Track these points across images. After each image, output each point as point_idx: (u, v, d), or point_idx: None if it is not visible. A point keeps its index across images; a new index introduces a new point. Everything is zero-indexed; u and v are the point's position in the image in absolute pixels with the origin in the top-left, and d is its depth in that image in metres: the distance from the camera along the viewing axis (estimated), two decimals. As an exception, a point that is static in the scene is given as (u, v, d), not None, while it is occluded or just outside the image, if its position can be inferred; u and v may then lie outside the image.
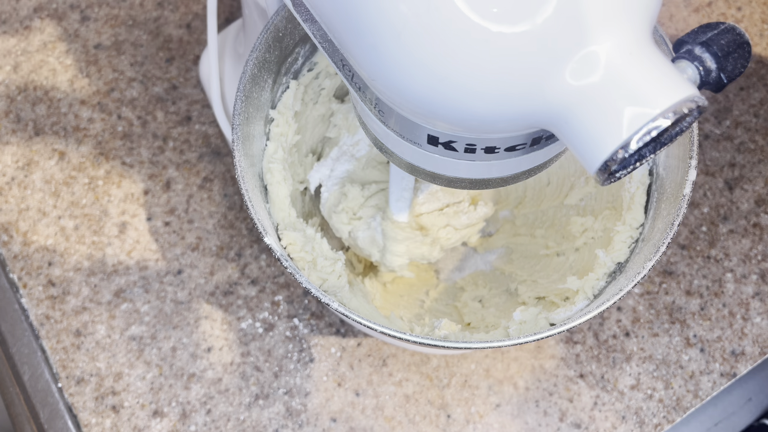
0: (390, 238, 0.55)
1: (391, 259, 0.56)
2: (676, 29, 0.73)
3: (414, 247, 0.56)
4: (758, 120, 0.70)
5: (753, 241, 0.65)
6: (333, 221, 0.56)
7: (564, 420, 0.60)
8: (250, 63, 0.47)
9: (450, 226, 0.57)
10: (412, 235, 0.55)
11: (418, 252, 0.57)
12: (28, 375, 0.61)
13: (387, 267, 0.57)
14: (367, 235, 0.55)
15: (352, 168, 0.56)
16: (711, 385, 0.61)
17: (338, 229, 0.56)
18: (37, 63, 0.70)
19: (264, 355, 0.61)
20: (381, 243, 0.56)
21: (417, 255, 0.57)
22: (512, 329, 0.49)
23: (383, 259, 0.56)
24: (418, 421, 0.60)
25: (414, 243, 0.56)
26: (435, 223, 0.56)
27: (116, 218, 0.65)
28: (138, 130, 0.68)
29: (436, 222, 0.56)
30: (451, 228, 0.57)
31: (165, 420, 0.59)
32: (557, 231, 0.59)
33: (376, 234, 0.55)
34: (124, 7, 0.72)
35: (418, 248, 0.56)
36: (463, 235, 0.58)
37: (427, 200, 0.55)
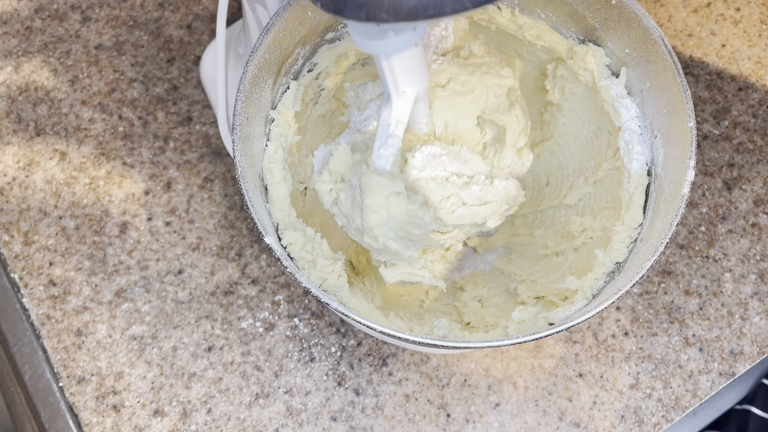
0: (366, 188, 0.46)
1: (370, 219, 0.46)
2: (675, 29, 0.73)
3: (397, 204, 0.46)
4: (757, 120, 0.70)
5: (752, 241, 0.66)
6: (316, 184, 0.49)
7: (563, 419, 0.60)
8: (250, 63, 0.47)
9: (456, 196, 0.48)
10: (395, 186, 0.46)
11: (401, 211, 0.46)
12: (29, 374, 0.61)
13: (375, 248, 0.49)
14: (349, 195, 0.48)
15: (353, 140, 0.51)
16: (710, 384, 0.61)
17: (320, 191, 0.49)
18: (38, 63, 0.70)
19: (264, 354, 0.61)
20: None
21: (401, 218, 0.47)
22: (511, 329, 0.50)
23: (364, 224, 0.47)
24: (418, 421, 0.60)
25: (398, 199, 0.46)
26: (435, 192, 0.48)
27: (117, 218, 0.65)
28: (139, 131, 0.68)
29: (438, 191, 0.48)
30: (458, 200, 0.48)
31: (166, 419, 0.60)
32: (556, 231, 0.59)
33: (356, 191, 0.47)
34: (124, 8, 0.72)
35: (402, 205, 0.46)
36: (475, 214, 0.49)
37: (427, 164, 0.47)
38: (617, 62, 0.53)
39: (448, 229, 0.50)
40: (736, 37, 0.73)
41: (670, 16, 0.74)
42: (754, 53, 0.72)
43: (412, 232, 0.48)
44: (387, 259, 0.52)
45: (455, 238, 0.52)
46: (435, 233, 0.50)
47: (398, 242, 0.48)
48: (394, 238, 0.48)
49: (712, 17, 0.74)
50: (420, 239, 0.49)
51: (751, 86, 0.71)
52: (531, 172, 0.63)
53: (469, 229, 0.51)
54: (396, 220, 0.47)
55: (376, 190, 0.46)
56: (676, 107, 0.48)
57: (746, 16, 0.74)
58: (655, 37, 0.48)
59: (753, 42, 0.73)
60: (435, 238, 0.50)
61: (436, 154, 0.47)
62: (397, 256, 0.50)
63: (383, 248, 0.49)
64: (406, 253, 0.50)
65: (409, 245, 0.49)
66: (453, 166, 0.48)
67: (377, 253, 0.51)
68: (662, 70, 0.49)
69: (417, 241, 0.49)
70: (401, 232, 0.48)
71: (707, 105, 0.70)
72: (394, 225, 0.47)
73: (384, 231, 0.48)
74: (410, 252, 0.50)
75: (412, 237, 0.48)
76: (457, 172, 0.48)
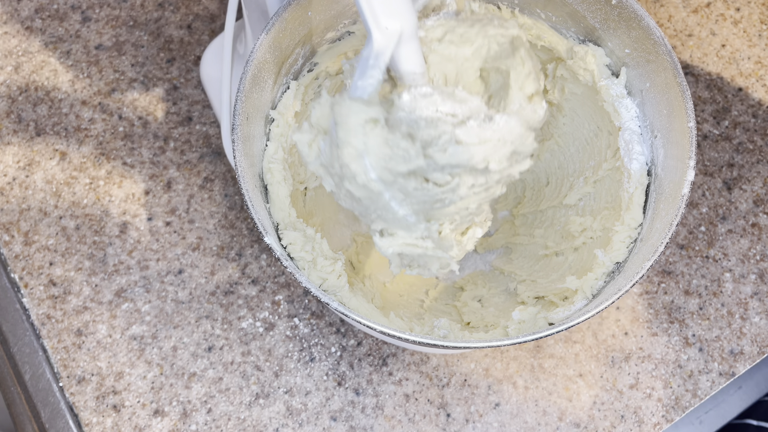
0: (340, 118, 0.40)
1: (345, 153, 0.40)
2: (675, 30, 0.73)
3: (375, 135, 0.40)
4: (757, 120, 0.70)
5: (751, 241, 0.66)
6: (294, 136, 0.44)
7: (563, 419, 0.60)
8: (250, 63, 0.47)
9: (448, 134, 0.41)
10: (371, 112, 0.40)
11: (380, 142, 0.41)
12: (29, 374, 0.61)
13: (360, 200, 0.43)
14: (328, 142, 0.43)
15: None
16: (710, 384, 0.61)
17: (300, 144, 0.44)
18: (38, 63, 0.70)
19: (264, 354, 0.61)
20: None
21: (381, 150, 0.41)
22: (511, 329, 0.50)
23: (340, 161, 0.41)
24: (418, 420, 0.60)
25: (375, 128, 0.40)
26: (425, 132, 0.41)
27: (117, 218, 0.65)
28: (139, 131, 0.68)
29: (427, 131, 0.41)
30: (450, 137, 0.41)
31: (166, 419, 0.60)
32: (556, 231, 0.59)
33: (333, 131, 0.42)
34: (125, 8, 0.72)
35: (380, 135, 0.41)
36: (472, 155, 0.41)
37: (416, 105, 0.41)
38: (617, 62, 0.53)
39: (446, 179, 0.42)
40: (736, 37, 0.73)
41: (670, 16, 0.74)
42: (754, 53, 0.72)
43: (398, 169, 0.41)
44: (384, 225, 0.45)
45: (466, 208, 0.44)
46: (434, 186, 0.42)
47: (382, 185, 0.42)
48: (377, 179, 0.41)
49: (712, 17, 0.74)
50: (415, 192, 0.42)
51: (751, 86, 0.71)
52: (531, 172, 0.63)
53: (477, 190, 0.43)
54: (376, 153, 0.41)
55: (350, 117, 0.40)
56: (676, 107, 0.48)
57: (746, 16, 0.74)
58: (655, 37, 0.48)
59: (753, 42, 0.73)
60: (432, 191, 0.42)
61: (426, 94, 0.41)
62: (391, 218, 0.44)
63: (368, 197, 0.42)
64: (399, 212, 0.43)
65: (400, 198, 0.43)
66: (446, 106, 0.42)
67: (369, 214, 0.44)
68: (662, 70, 0.49)
69: (411, 195, 0.42)
70: (385, 173, 0.41)
71: (707, 105, 0.70)
72: (374, 160, 0.41)
73: (363, 166, 0.41)
74: (404, 210, 0.43)
75: (402, 185, 0.42)
76: (451, 113, 0.42)
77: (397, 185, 0.42)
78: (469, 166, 0.41)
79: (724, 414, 0.64)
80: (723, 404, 0.64)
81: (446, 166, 0.41)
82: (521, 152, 0.43)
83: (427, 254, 0.46)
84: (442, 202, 0.43)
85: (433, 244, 0.46)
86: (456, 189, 0.43)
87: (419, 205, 0.43)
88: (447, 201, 0.43)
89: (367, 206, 0.44)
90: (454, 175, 0.42)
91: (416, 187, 0.42)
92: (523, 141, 0.43)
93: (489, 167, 0.42)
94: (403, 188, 0.42)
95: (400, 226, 0.45)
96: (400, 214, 0.43)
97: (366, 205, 0.43)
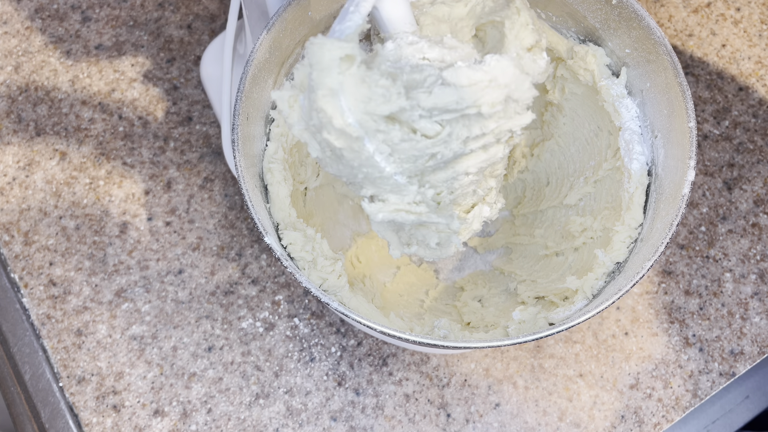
0: (313, 58, 0.36)
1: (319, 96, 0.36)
2: (675, 29, 0.73)
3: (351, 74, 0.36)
4: (757, 120, 0.70)
5: (752, 241, 0.66)
6: (273, 95, 0.40)
7: (563, 419, 0.60)
8: (250, 63, 0.47)
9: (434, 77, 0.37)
10: (347, 48, 0.36)
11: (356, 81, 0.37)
12: (29, 374, 0.61)
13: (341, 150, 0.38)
14: (306, 95, 0.39)
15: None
16: (710, 384, 0.61)
17: (279, 101, 0.40)
18: (38, 63, 0.70)
19: (264, 354, 0.61)
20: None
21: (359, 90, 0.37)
22: (512, 329, 0.50)
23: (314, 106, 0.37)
24: (418, 421, 0.60)
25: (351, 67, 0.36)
26: (409, 76, 0.38)
27: (117, 218, 0.65)
28: (139, 131, 0.68)
29: (413, 75, 0.38)
30: (436, 79, 0.37)
31: (166, 419, 0.60)
32: (556, 231, 0.59)
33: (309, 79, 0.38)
34: (125, 8, 0.72)
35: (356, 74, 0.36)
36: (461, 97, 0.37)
37: (401, 54, 0.38)
38: (617, 62, 0.53)
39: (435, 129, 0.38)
40: (737, 37, 0.73)
41: (670, 16, 0.74)
42: (755, 53, 0.72)
43: (378, 111, 0.37)
44: (374, 190, 0.42)
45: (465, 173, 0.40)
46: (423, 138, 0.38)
47: (362, 132, 0.37)
48: (356, 124, 0.37)
49: (713, 17, 0.74)
50: (402, 145, 0.38)
51: (751, 86, 0.71)
52: (531, 172, 0.63)
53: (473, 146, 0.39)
54: (352, 93, 0.37)
55: (324, 55, 0.36)
56: (676, 107, 0.48)
57: (746, 16, 0.74)
58: (655, 37, 0.48)
59: (753, 42, 0.73)
60: (421, 144, 0.38)
61: (412, 42, 0.38)
62: (379, 177, 0.40)
63: (350, 149, 0.38)
64: (386, 168, 0.39)
65: (386, 152, 0.39)
66: (433, 53, 0.38)
67: (356, 175, 0.41)
68: (662, 70, 0.49)
69: (399, 149, 0.38)
70: (365, 118, 0.37)
71: (707, 105, 0.70)
72: (351, 102, 0.37)
73: (338, 107, 0.37)
74: (392, 167, 0.39)
75: (387, 136, 0.38)
76: (439, 59, 0.38)
77: (381, 135, 0.38)
78: (458, 111, 0.38)
79: (731, 424, 0.64)
80: (731, 414, 0.64)
81: (433, 110, 0.37)
82: (518, 100, 0.39)
83: (423, 221, 0.42)
84: (435, 159, 0.39)
85: (428, 209, 0.42)
86: (448, 141, 0.39)
87: (409, 162, 0.40)
88: (440, 157, 0.39)
89: (351, 164, 0.39)
90: (443, 124, 0.39)
91: (403, 138, 0.38)
92: (519, 85, 0.38)
93: (481, 111, 0.38)
94: (388, 139, 0.38)
95: (390, 190, 0.41)
96: (387, 172, 0.39)
97: (350, 163, 0.39)
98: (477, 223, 0.46)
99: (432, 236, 0.44)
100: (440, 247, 0.45)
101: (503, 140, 0.41)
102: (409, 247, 0.46)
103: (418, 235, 0.45)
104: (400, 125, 0.38)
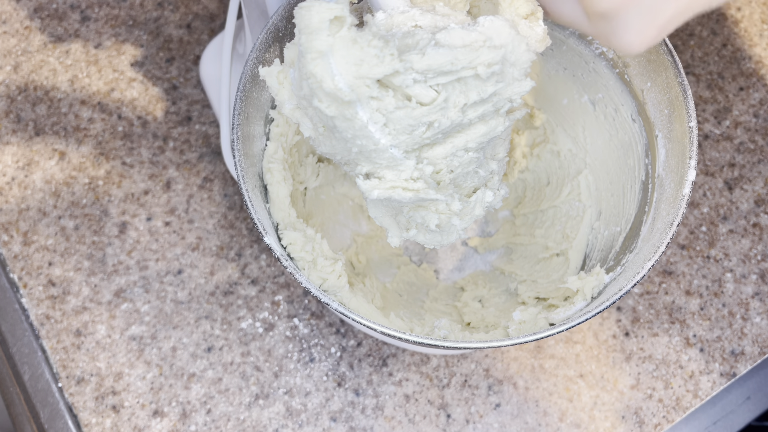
0: (301, 22, 0.36)
1: (308, 60, 0.35)
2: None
3: (341, 37, 0.36)
4: (758, 120, 0.70)
5: (753, 241, 0.66)
6: (261, 71, 0.41)
7: (564, 420, 0.60)
8: (250, 63, 0.47)
9: (426, 39, 0.36)
10: (336, 9, 0.35)
11: (346, 43, 0.36)
12: (28, 375, 0.61)
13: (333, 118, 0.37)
14: (297, 68, 0.38)
15: None
16: (711, 385, 0.61)
17: (267, 77, 0.41)
18: (37, 63, 0.70)
19: (264, 354, 0.61)
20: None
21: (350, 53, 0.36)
22: (512, 329, 0.49)
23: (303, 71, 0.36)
24: (418, 421, 0.60)
25: (342, 28, 0.36)
26: (401, 41, 0.37)
27: (116, 218, 0.65)
28: (138, 130, 0.68)
29: (404, 40, 0.37)
30: (429, 41, 0.36)
31: (165, 420, 0.59)
32: (557, 231, 0.59)
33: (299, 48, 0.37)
34: (124, 8, 0.72)
35: (347, 37, 0.36)
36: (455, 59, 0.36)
37: (392, 24, 0.38)
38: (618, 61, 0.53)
39: (431, 95, 0.37)
40: (737, 36, 0.73)
41: (670, 16, 0.73)
42: (755, 53, 0.72)
43: (371, 74, 0.36)
44: (369, 167, 0.40)
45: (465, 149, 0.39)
46: (418, 106, 0.37)
47: (354, 96, 0.36)
48: (347, 89, 0.36)
49: (713, 17, 0.73)
50: (396, 113, 0.37)
51: (752, 86, 0.71)
52: (531, 172, 0.63)
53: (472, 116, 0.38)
54: (343, 55, 0.35)
55: (312, 17, 0.35)
56: (677, 107, 0.48)
57: (747, 15, 0.74)
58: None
59: (754, 42, 0.72)
60: (417, 112, 0.37)
61: (403, 11, 0.37)
62: (374, 150, 0.39)
63: (342, 117, 0.37)
64: (381, 140, 0.38)
65: (380, 122, 0.37)
66: (425, 20, 0.37)
67: (350, 149, 0.39)
68: (663, 70, 0.49)
69: (393, 118, 0.37)
70: (357, 83, 0.36)
71: (708, 105, 0.70)
72: (342, 64, 0.35)
73: (328, 70, 0.35)
74: (387, 139, 0.38)
75: (380, 103, 0.37)
76: (431, 25, 0.37)
77: (374, 103, 0.37)
78: (453, 73, 0.36)
79: (732, 425, 0.64)
80: (732, 414, 0.63)
81: (427, 72, 0.36)
82: (516, 64, 0.38)
83: (420, 198, 0.41)
84: (432, 129, 0.38)
85: (426, 185, 0.41)
86: (444, 108, 0.38)
87: (405, 134, 0.38)
88: (437, 125, 0.38)
89: (345, 135, 0.38)
90: (439, 90, 0.37)
91: (397, 105, 0.37)
92: (516, 47, 0.37)
93: (478, 72, 0.36)
94: (381, 107, 0.37)
95: (386, 165, 0.40)
96: (383, 144, 0.38)
97: (344, 134, 0.38)
98: (479, 208, 0.44)
99: (432, 217, 0.43)
100: (440, 230, 0.44)
101: (503, 111, 0.40)
102: (408, 232, 0.45)
103: (417, 217, 0.43)
104: (394, 91, 0.37)
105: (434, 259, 0.64)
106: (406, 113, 0.37)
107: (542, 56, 0.55)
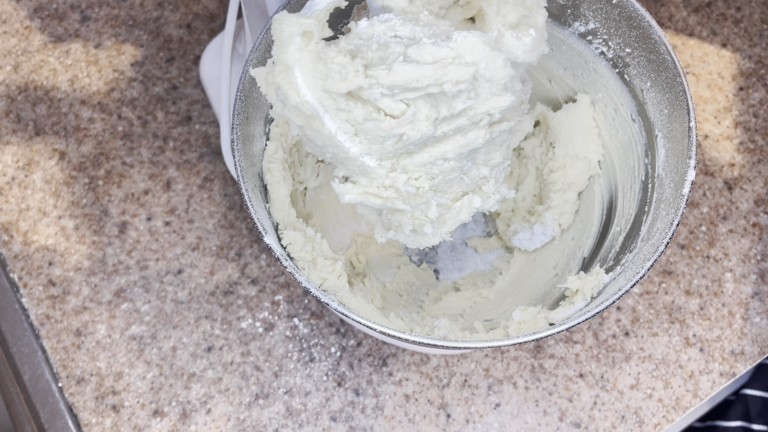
0: (276, 33, 0.36)
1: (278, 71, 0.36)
2: (675, 29, 0.73)
3: (309, 50, 0.36)
4: (758, 120, 0.70)
5: (752, 241, 0.66)
6: (254, 75, 0.41)
7: (564, 419, 0.60)
8: (250, 63, 0.47)
9: (396, 54, 0.37)
10: (306, 24, 0.36)
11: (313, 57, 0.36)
12: (28, 375, 0.61)
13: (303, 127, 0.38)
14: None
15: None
16: (710, 384, 0.61)
17: (260, 84, 0.41)
18: (37, 63, 0.70)
19: (264, 354, 0.61)
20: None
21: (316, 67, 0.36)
22: (512, 329, 0.49)
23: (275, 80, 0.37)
24: (418, 421, 0.60)
25: (310, 43, 0.36)
26: (374, 53, 0.37)
27: (116, 218, 0.65)
28: (138, 130, 0.68)
29: (377, 53, 0.37)
30: (398, 56, 0.36)
31: (165, 419, 0.60)
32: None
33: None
34: (124, 8, 0.72)
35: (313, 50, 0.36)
36: (421, 75, 0.36)
37: (374, 32, 0.38)
38: (618, 61, 0.53)
39: (400, 108, 0.37)
40: (737, 36, 0.73)
41: (670, 16, 0.73)
42: (755, 53, 0.72)
43: (336, 89, 0.36)
44: (346, 172, 0.41)
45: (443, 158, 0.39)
46: (387, 118, 0.37)
47: (320, 109, 0.37)
48: (314, 101, 0.37)
49: (713, 16, 0.73)
50: (366, 125, 0.37)
51: (752, 86, 0.71)
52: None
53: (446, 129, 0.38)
54: (308, 69, 0.36)
55: (283, 30, 0.36)
56: (676, 107, 0.48)
57: (747, 15, 0.74)
58: (655, 37, 0.48)
59: (754, 41, 0.72)
60: (385, 124, 0.37)
61: (386, 19, 0.37)
62: (345, 158, 0.39)
63: (310, 127, 0.37)
64: (351, 149, 0.38)
65: (350, 132, 0.38)
66: (405, 30, 0.37)
67: (325, 155, 0.40)
68: (663, 70, 0.49)
69: (363, 129, 0.37)
70: (324, 96, 0.37)
71: (708, 104, 0.70)
72: (308, 78, 0.36)
73: (293, 83, 0.36)
74: (357, 148, 0.38)
75: (349, 115, 0.37)
76: (410, 36, 0.37)
77: (343, 114, 0.37)
78: (420, 89, 0.36)
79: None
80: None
81: (393, 88, 0.36)
82: (492, 80, 0.37)
83: (388, 207, 0.41)
84: (402, 141, 0.38)
85: (397, 194, 0.41)
86: (414, 122, 0.37)
87: (377, 143, 0.38)
88: (406, 139, 0.38)
89: (316, 143, 0.38)
90: (408, 103, 0.37)
91: (366, 117, 0.37)
92: (490, 63, 0.37)
93: (444, 90, 0.36)
94: (351, 118, 0.37)
95: (359, 172, 0.40)
96: (353, 152, 0.38)
97: (315, 142, 0.38)
98: (465, 214, 0.44)
99: (406, 222, 0.43)
100: (415, 234, 0.44)
101: (481, 124, 0.39)
102: (388, 232, 0.45)
103: (394, 220, 0.44)
104: (363, 104, 0.37)
105: (434, 259, 0.64)
106: (375, 125, 0.37)
107: (542, 56, 0.55)
